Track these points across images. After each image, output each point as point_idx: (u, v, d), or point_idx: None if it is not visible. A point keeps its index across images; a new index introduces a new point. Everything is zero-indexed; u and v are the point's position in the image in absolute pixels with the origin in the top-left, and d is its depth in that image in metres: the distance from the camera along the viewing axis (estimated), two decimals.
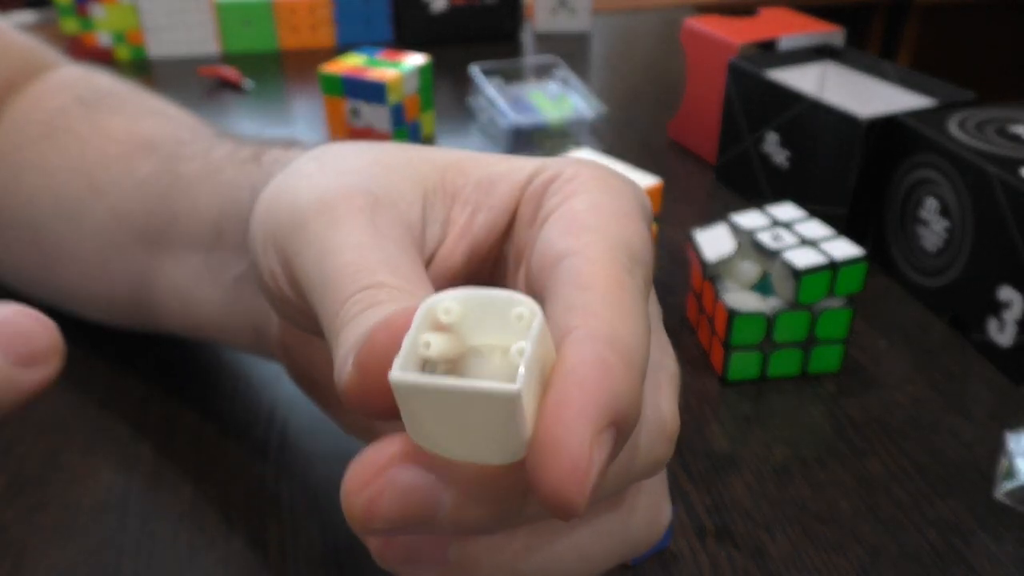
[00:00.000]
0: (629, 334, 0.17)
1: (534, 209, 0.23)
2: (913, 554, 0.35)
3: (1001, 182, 0.44)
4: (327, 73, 0.65)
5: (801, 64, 0.62)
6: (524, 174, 0.23)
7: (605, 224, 0.20)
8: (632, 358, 0.16)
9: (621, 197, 0.22)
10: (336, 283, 0.19)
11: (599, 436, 0.15)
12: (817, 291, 0.42)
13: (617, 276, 0.18)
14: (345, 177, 0.22)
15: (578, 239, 0.19)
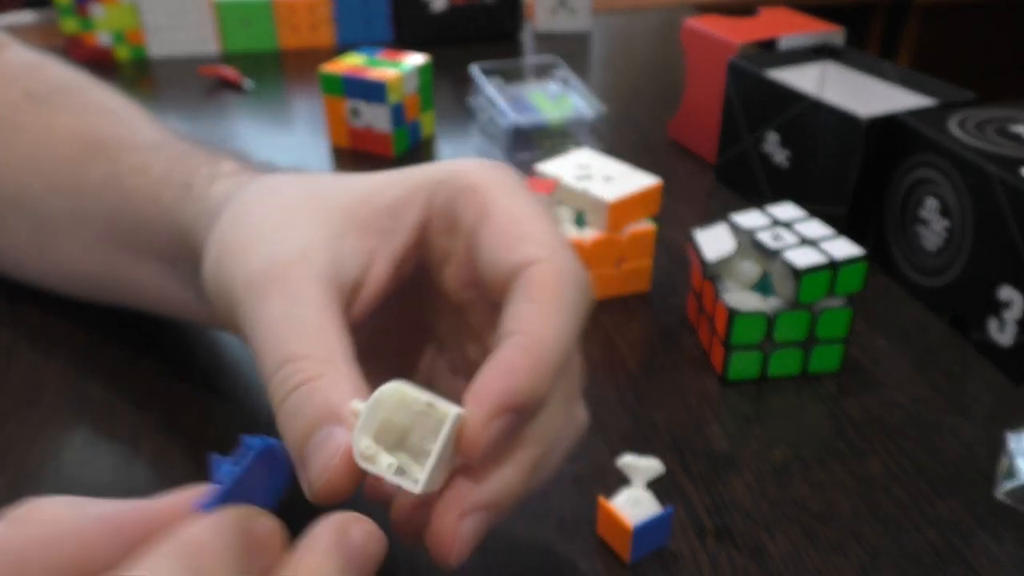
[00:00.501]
0: (552, 340, 0.22)
1: (449, 222, 0.27)
2: (913, 554, 0.35)
3: (1001, 182, 0.44)
4: (327, 72, 0.65)
5: (801, 64, 0.62)
6: (423, 194, 0.27)
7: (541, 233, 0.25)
8: (545, 360, 0.22)
9: (528, 197, 0.26)
10: (261, 357, 0.24)
11: (495, 419, 0.21)
12: (817, 291, 0.42)
13: (559, 294, 0.23)
14: (275, 244, 0.26)
15: (524, 254, 0.24)
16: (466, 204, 0.26)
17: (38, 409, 0.41)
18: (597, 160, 0.51)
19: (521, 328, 0.22)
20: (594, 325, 0.48)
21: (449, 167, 0.27)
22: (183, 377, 0.44)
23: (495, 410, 0.21)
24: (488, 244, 0.25)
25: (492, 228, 0.25)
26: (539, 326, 0.22)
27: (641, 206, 0.49)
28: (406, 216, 0.27)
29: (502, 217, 0.25)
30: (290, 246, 0.25)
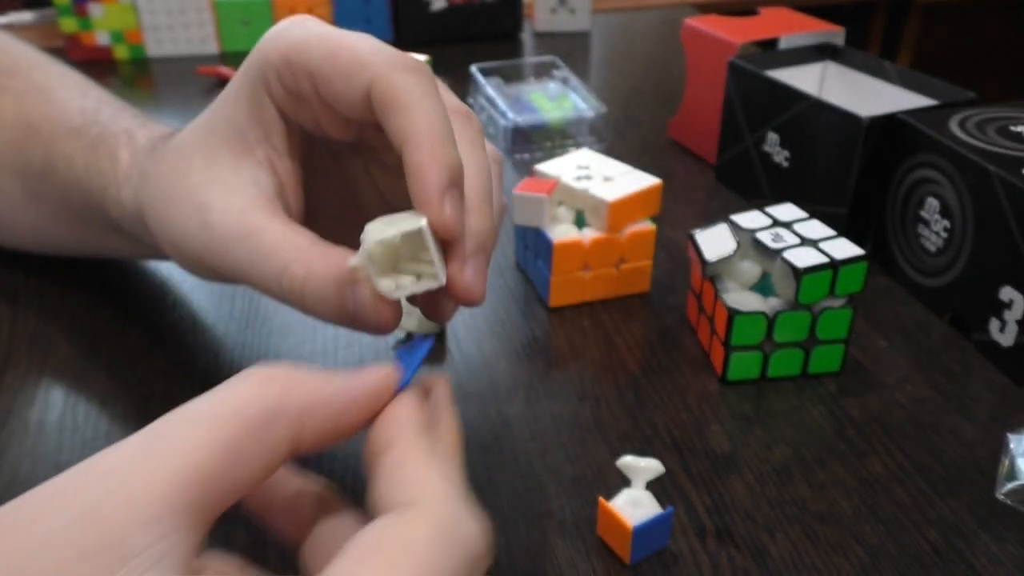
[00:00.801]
0: (431, 123, 0.26)
1: (296, 95, 0.30)
2: (914, 554, 0.34)
3: (1002, 181, 0.44)
4: None
5: (801, 64, 0.62)
6: (261, 94, 0.30)
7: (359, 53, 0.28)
8: (439, 142, 0.26)
9: (322, 31, 0.29)
10: (261, 281, 0.29)
11: (446, 202, 0.25)
12: (817, 291, 0.42)
13: (406, 89, 0.26)
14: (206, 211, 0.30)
15: (358, 80, 0.27)
16: (293, 78, 0.29)
17: (35, 409, 0.41)
18: (597, 160, 0.51)
19: (406, 136, 0.26)
20: (594, 325, 0.48)
21: (260, 54, 0.29)
22: (184, 377, 0.43)
23: (441, 198, 0.25)
24: (330, 94, 0.28)
25: (324, 82, 0.28)
26: (415, 125, 0.26)
27: (641, 206, 0.49)
28: (264, 117, 0.30)
29: (325, 70, 0.27)
30: (214, 204, 0.30)
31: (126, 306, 0.49)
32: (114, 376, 0.44)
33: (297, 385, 0.22)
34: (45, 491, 0.19)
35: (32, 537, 0.18)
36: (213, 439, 0.20)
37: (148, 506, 0.18)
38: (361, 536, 0.20)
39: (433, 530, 0.20)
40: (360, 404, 0.23)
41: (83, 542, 0.18)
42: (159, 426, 0.21)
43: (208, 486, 0.20)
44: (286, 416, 0.21)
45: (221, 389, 0.22)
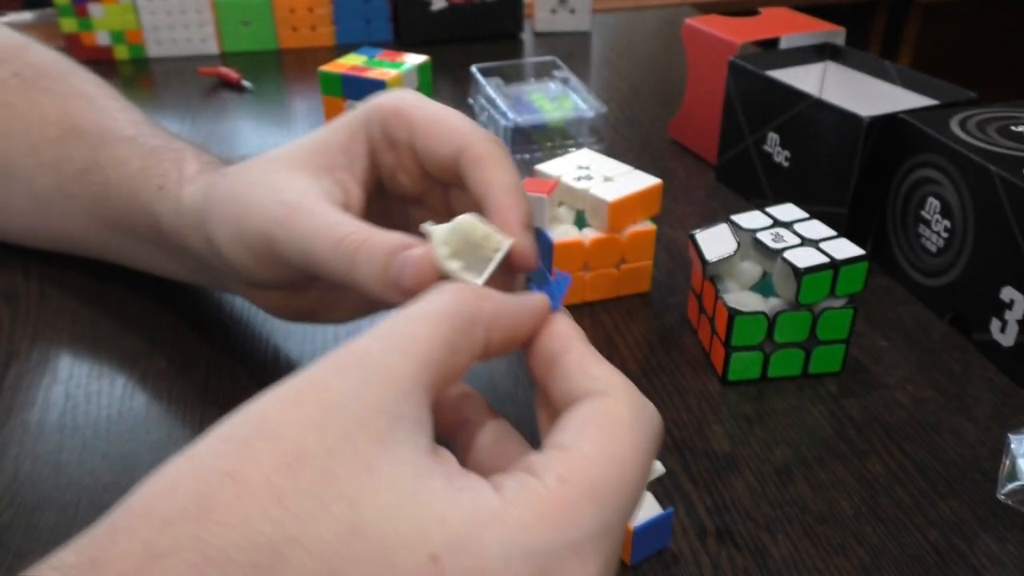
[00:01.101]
0: (512, 182, 0.31)
1: (388, 142, 0.34)
2: (915, 555, 0.34)
3: (1003, 181, 0.44)
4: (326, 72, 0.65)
5: (802, 63, 0.62)
6: (361, 129, 0.34)
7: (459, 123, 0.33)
8: (519, 193, 0.31)
9: (438, 105, 0.34)
10: (313, 253, 0.31)
11: (526, 235, 0.30)
12: (818, 291, 0.42)
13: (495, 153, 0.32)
14: (279, 193, 0.33)
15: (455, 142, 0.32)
16: (395, 126, 0.34)
17: (35, 409, 0.41)
18: (597, 160, 0.51)
19: (492, 188, 0.31)
20: (594, 325, 0.48)
21: (373, 103, 0.34)
22: (183, 377, 0.43)
23: (524, 231, 0.30)
24: (424, 147, 0.33)
25: (422, 136, 0.33)
26: (500, 179, 0.31)
27: (641, 206, 0.49)
28: (355, 150, 0.34)
29: (426, 126, 0.33)
30: (291, 191, 0.32)
31: (126, 306, 0.48)
32: (114, 376, 0.44)
33: (489, 297, 0.25)
34: (317, 369, 0.22)
35: (324, 404, 0.21)
36: (436, 334, 0.23)
37: (405, 382, 0.22)
38: (575, 414, 0.24)
39: (631, 410, 0.25)
40: (532, 320, 0.27)
41: (363, 410, 0.21)
42: (394, 319, 0.24)
43: (436, 371, 0.23)
44: (482, 321, 0.25)
45: (431, 294, 0.25)
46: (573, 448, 0.23)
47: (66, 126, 0.46)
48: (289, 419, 0.21)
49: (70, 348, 0.46)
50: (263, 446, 0.20)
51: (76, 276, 0.50)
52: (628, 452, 0.23)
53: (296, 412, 0.21)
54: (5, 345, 0.46)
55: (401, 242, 0.29)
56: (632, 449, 0.24)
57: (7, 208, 0.49)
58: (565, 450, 0.23)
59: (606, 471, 0.22)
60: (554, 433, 0.24)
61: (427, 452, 0.22)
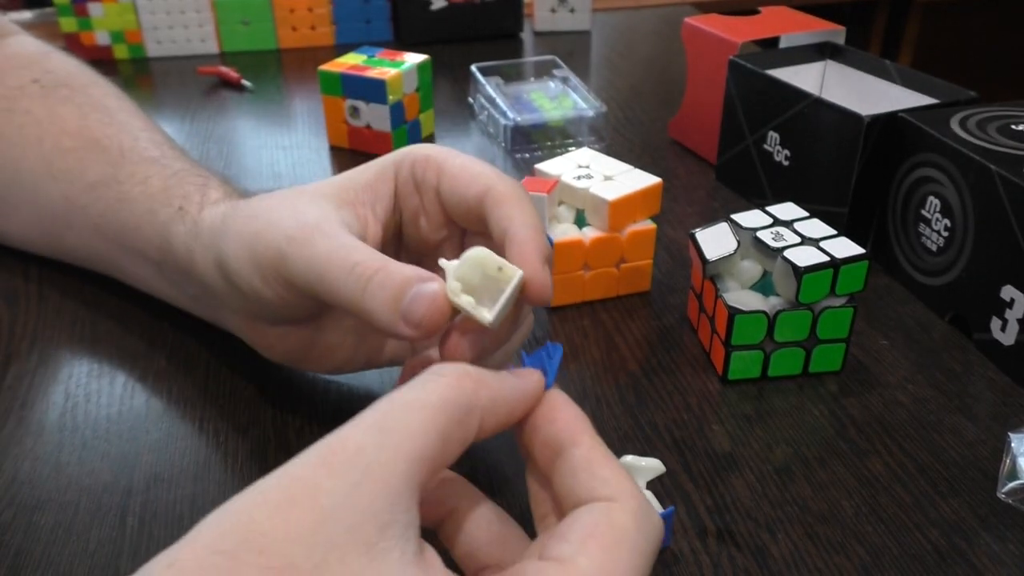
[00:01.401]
0: (532, 220, 0.32)
1: (415, 185, 0.35)
2: (915, 554, 0.34)
3: (1003, 180, 0.44)
4: (326, 72, 0.65)
5: (802, 63, 0.62)
6: (390, 170, 0.35)
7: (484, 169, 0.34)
8: (539, 231, 0.31)
9: (465, 156, 0.35)
10: (327, 277, 0.30)
11: (543, 268, 0.30)
12: (818, 290, 0.41)
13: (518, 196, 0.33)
14: (297, 216, 0.32)
15: (479, 184, 0.33)
16: (424, 168, 0.35)
17: (34, 409, 0.41)
18: (597, 159, 0.51)
19: (513, 223, 0.31)
20: (594, 325, 0.48)
21: (406, 149, 0.35)
22: (182, 378, 0.43)
23: (542, 265, 0.30)
24: (451, 188, 0.34)
25: (450, 178, 0.34)
26: (521, 216, 0.31)
27: (641, 205, 0.49)
28: (381, 188, 0.35)
29: (455, 170, 0.34)
30: (310, 214, 0.32)
31: (126, 307, 0.48)
32: (114, 376, 0.44)
33: (485, 383, 0.25)
34: (305, 467, 0.22)
35: (314, 510, 0.21)
36: (431, 427, 0.23)
37: (398, 483, 0.22)
38: (577, 523, 0.24)
39: (635, 521, 0.24)
40: (527, 402, 0.27)
41: (353, 516, 0.21)
42: (389, 408, 0.23)
43: (428, 466, 0.23)
44: (479, 408, 0.25)
45: (427, 380, 0.25)
46: (570, 563, 0.22)
47: (84, 138, 0.45)
48: (278, 530, 0.20)
49: (70, 348, 0.46)
50: (251, 560, 0.20)
51: (76, 276, 0.50)
52: (626, 567, 0.23)
53: (285, 522, 0.20)
54: (5, 345, 0.46)
55: (417, 274, 0.29)
56: (630, 565, 0.23)
57: (9, 214, 0.49)
58: (563, 564, 0.22)
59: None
60: (555, 542, 0.23)
61: (414, 559, 0.21)
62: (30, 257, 0.52)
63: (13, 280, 0.51)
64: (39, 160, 0.46)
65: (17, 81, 0.48)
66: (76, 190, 0.44)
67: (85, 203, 0.44)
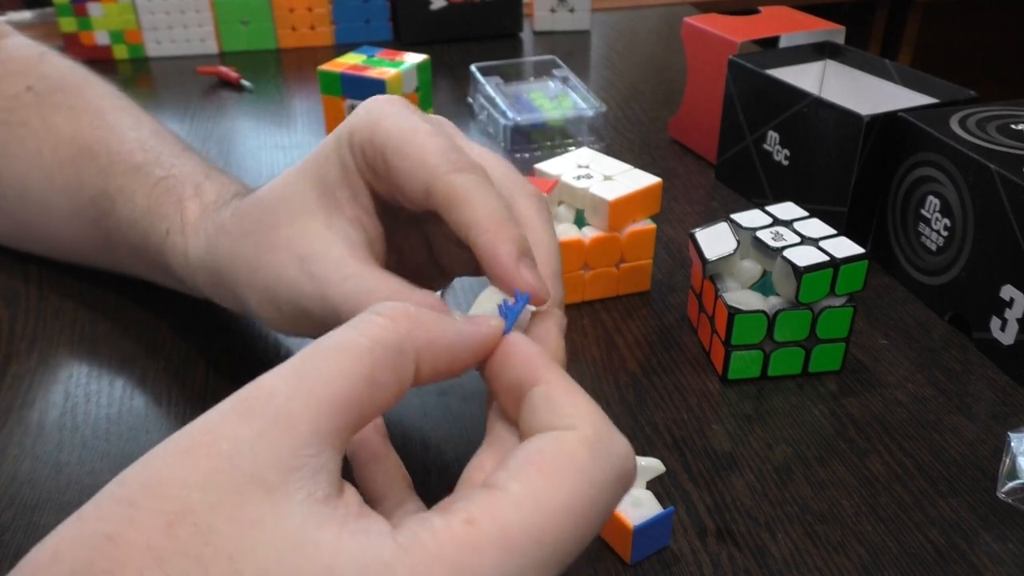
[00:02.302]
0: (496, 209, 0.28)
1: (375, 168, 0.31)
2: (915, 554, 0.34)
3: (1003, 179, 0.44)
4: (326, 71, 0.65)
5: (801, 62, 0.62)
6: (349, 158, 0.32)
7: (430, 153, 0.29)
8: (506, 223, 0.28)
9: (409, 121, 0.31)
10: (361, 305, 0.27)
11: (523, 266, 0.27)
12: (818, 290, 0.41)
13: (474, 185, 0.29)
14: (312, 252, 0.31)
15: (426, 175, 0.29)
16: (373, 157, 0.31)
17: (33, 409, 0.41)
18: (597, 159, 0.51)
19: (468, 225, 0.28)
20: (594, 325, 0.48)
21: (348, 127, 0.31)
22: (182, 378, 0.43)
23: (516, 269, 0.27)
24: (398, 184, 0.30)
25: (394, 172, 0.30)
26: (475, 215, 0.28)
27: (641, 205, 0.49)
28: (352, 180, 0.32)
29: (397, 160, 0.30)
30: (315, 258, 0.31)
31: (126, 307, 0.48)
32: (114, 376, 0.44)
33: (423, 324, 0.24)
34: (219, 414, 0.21)
35: (217, 455, 0.20)
36: (355, 369, 0.22)
37: (306, 429, 0.21)
38: (520, 450, 0.22)
39: (590, 450, 0.22)
40: (473, 348, 0.25)
41: (254, 463, 0.20)
42: (310, 353, 0.22)
43: (351, 412, 0.22)
44: (413, 351, 0.23)
45: (359, 321, 0.23)
46: (498, 488, 0.21)
47: (78, 146, 0.45)
48: (176, 475, 0.20)
49: (69, 348, 0.46)
50: (148, 504, 0.20)
51: (76, 277, 0.50)
52: (567, 498, 0.21)
53: (184, 466, 0.20)
54: (5, 345, 0.46)
55: (436, 304, 0.28)
56: (575, 495, 0.21)
57: (29, 227, 0.49)
58: (490, 490, 0.21)
59: (524, 517, 0.20)
60: (496, 471, 0.22)
61: (322, 500, 0.21)
62: (30, 258, 0.52)
63: (13, 281, 0.51)
64: (42, 174, 0.46)
65: (12, 90, 0.48)
66: (82, 204, 0.44)
67: (91, 216, 0.44)
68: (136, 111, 0.48)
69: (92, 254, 0.48)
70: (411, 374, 0.23)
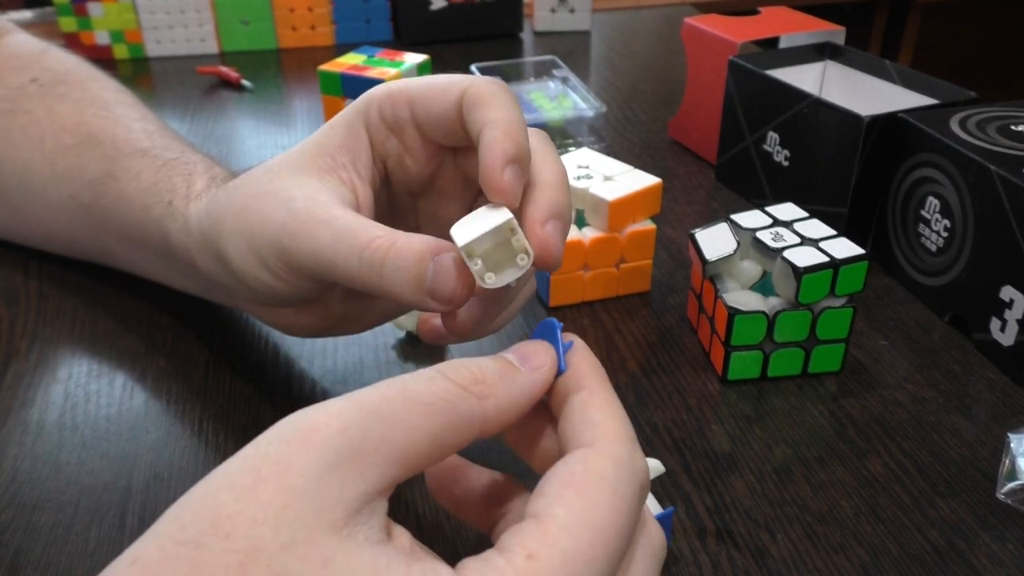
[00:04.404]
0: (510, 116, 0.30)
1: (389, 128, 0.33)
2: (915, 554, 0.34)
3: (1003, 180, 0.44)
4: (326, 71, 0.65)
5: (801, 63, 0.62)
6: (359, 123, 0.33)
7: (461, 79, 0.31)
8: (516, 128, 0.29)
9: (431, 79, 0.32)
10: (335, 265, 0.29)
11: (508, 167, 0.28)
12: (818, 290, 0.41)
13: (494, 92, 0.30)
14: (289, 203, 0.31)
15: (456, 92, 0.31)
16: (393, 107, 0.33)
17: (33, 408, 0.41)
18: (597, 159, 0.51)
19: (485, 121, 0.29)
20: (594, 325, 0.48)
21: (364, 96, 0.34)
22: (182, 376, 0.43)
23: (503, 166, 0.28)
24: (427, 111, 0.32)
25: (423, 102, 0.32)
26: (496, 114, 0.29)
27: (641, 206, 0.49)
28: (355, 145, 0.33)
29: (424, 91, 0.32)
30: (299, 199, 0.31)
31: (126, 307, 0.48)
32: (114, 376, 0.44)
33: (494, 390, 0.24)
34: (281, 443, 0.21)
35: (288, 490, 0.20)
36: (424, 427, 0.22)
37: (375, 473, 0.21)
38: (554, 474, 0.23)
39: (614, 465, 0.23)
40: (535, 397, 0.25)
41: (323, 500, 0.20)
42: (385, 397, 0.22)
43: (410, 465, 0.22)
44: (480, 421, 0.23)
45: (436, 376, 0.23)
46: (546, 516, 0.22)
47: (82, 134, 0.45)
48: (245, 513, 0.20)
49: (70, 348, 0.46)
50: (216, 545, 0.19)
51: (76, 275, 0.50)
52: (605, 513, 0.22)
53: (252, 504, 0.20)
54: (5, 345, 0.46)
55: (429, 246, 0.28)
56: (610, 509, 0.22)
57: (25, 216, 0.49)
58: (538, 520, 0.22)
59: (578, 538, 0.21)
60: (533, 499, 0.23)
61: (381, 541, 0.21)
62: (30, 255, 0.52)
63: (13, 279, 0.51)
64: (43, 161, 0.46)
65: (17, 81, 0.48)
66: (79, 188, 0.44)
67: (89, 201, 0.44)
68: (141, 107, 0.48)
69: (81, 240, 0.47)
70: (471, 439, 0.24)
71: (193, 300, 0.49)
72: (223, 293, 0.40)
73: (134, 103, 0.48)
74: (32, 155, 0.46)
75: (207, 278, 0.37)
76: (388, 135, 0.33)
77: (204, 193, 0.38)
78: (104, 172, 0.43)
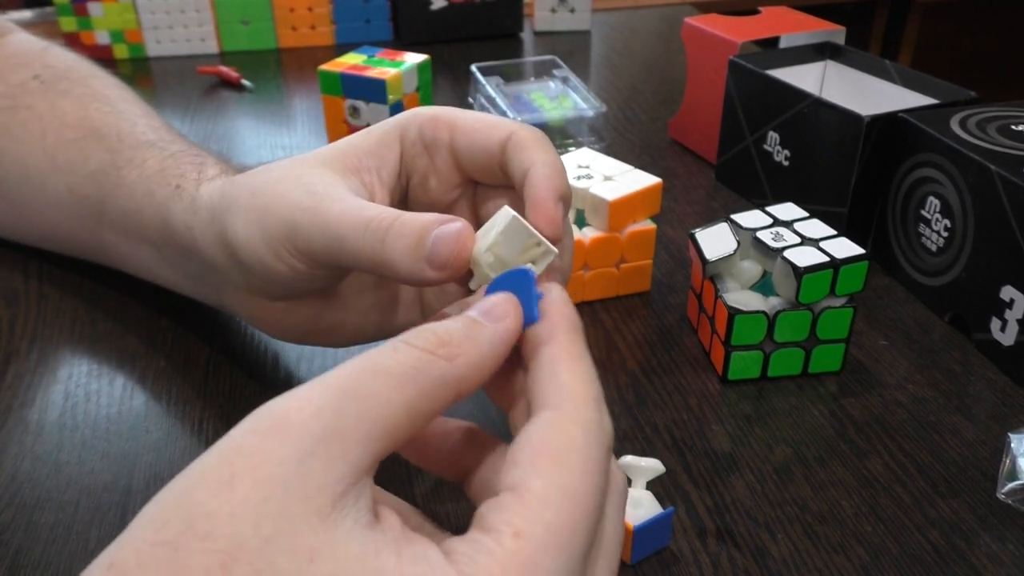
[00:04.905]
0: (553, 161, 0.32)
1: (423, 146, 0.34)
2: (915, 554, 0.34)
3: (1003, 180, 0.44)
4: (326, 71, 0.65)
5: (802, 63, 0.62)
6: (395, 134, 0.34)
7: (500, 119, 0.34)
8: (559, 171, 0.31)
9: (474, 112, 0.34)
10: (343, 237, 0.30)
11: (557, 204, 0.30)
12: (818, 290, 0.41)
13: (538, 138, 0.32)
14: (305, 185, 0.32)
15: (501, 131, 0.33)
16: (434, 128, 0.34)
17: (33, 408, 0.41)
18: (597, 159, 0.51)
19: (533, 161, 0.31)
20: (594, 325, 0.48)
21: (410, 111, 0.35)
22: (182, 376, 0.43)
23: (555, 202, 0.30)
24: (469, 141, 0.33)
25: (467, 132, 0.33)
26: (542, 157, 0.31)
27: (641, 206, 0.49)
28: (385, 154, 0.34)
29: (471, 123, 0.33)
30: (318, 183, 0.32)
31: (125, 306, 0.48)
32: (114, 376, 0.44)
33: (463, 349, 0.24)
34: (254, 434, 0.20)
35: (265, 481, 0.19)
36: (398, 398, 0.22)
37: (357, 451, 0.21)
38: (525, 442, 0.23)
39: (582, 429, 0.23)
40: (505, 347, 0.25)
41: (305, 488, 0.19)
42: (355, 374, 0.22)
43: (390, 438, 0.22)
44: (454, 383, 0.23)
45: (400, 345, 0.23)
46: (524, 489, 0.21)
47: (85, 128, 0.45)
48: (222, 508, 0.19)
49: (70, 347, 0.46)
50: (195, 546, 0.18)
51: (76, 276, 0.50)
52: (579, 479, 0.22)
53: (229, 499, 0.19)
54: (5, 345, 0.46)
55: (436, 218, 0.28)
56: (584, 474, 0.22)
57: (23, 210, 0.49)
58: (516, 493, 0.21)
59: (558, 510, 0.21)
60: (507, 468, 0.22)
61: (367, 526, 0.20)
62: (30, 255, 0.52)
63: (13, 279, 0.51)
64: (43, 155, 0.46)
65: (18, 79, 0.48)
66: (78, 180, 0.44)
67: (88, 192, 0.44)
68: (143, 104, 0.49)
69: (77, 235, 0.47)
70: (450, 401, 0.23)
71: (194, 300, 0.49)
72: (212, 284, 0.40)
73: (136, 100, 0.49)
74: (32, 149, 0.46)
75: (202, 261, 0.37)
76: (421, 152, 0.34)
77: (219, 177, 0.38)
78: (106, 163, 0.43)
